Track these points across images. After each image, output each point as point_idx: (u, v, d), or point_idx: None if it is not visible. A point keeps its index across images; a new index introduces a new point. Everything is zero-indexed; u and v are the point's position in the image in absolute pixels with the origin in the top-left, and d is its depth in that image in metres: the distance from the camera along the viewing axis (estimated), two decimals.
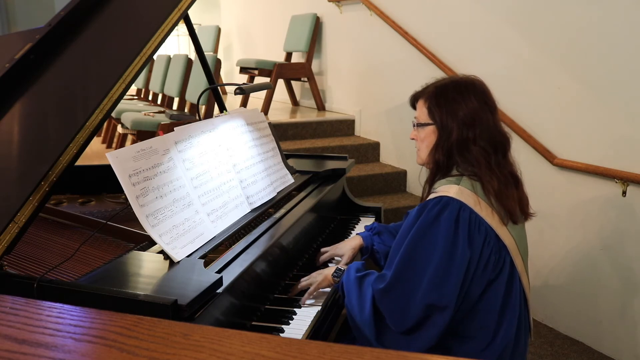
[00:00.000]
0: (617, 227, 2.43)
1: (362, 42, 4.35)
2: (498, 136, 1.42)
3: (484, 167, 1.37)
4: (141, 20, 1.58)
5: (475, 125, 1.38)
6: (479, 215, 1.32)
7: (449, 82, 1.46)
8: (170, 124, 3.81)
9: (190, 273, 1.21)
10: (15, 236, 1.14)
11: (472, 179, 1.37)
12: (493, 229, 1.33)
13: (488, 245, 1.32)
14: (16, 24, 5.97)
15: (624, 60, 2.32)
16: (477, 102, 1.40)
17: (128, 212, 1.35)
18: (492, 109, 1.43)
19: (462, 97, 1.40)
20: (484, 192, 1.35)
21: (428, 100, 1.45)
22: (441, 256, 1.28)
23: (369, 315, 1.34)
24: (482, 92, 1.43)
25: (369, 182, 3.80)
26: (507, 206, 1.36)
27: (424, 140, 1.47)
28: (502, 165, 1.41)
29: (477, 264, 1.31)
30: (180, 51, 8.35)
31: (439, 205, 1.32)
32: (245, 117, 1.82)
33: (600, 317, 2.54)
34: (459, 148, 1.39)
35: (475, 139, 1.38)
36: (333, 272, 1.53)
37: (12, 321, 0.77)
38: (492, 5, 3.02)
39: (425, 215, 1.33)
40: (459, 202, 1.31)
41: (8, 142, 1.34)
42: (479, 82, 1.46)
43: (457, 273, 1.28)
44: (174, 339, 0.70)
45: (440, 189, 1.36)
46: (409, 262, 1.32)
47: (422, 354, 0.67)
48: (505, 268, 1.35)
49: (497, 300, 1.35)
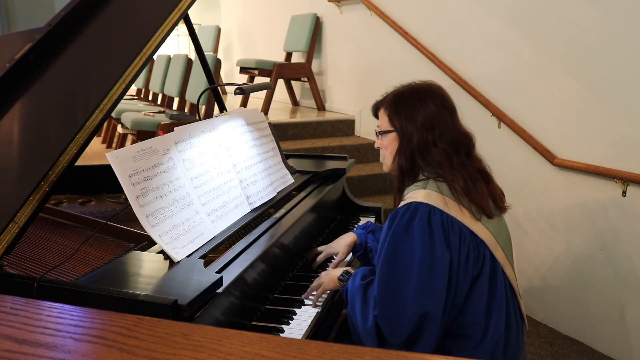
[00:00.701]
0: (617, 227, 2.43)
1: (362, 42, 4.35)
2: (459, 136, 1.45)
3: (447, 167, 1.39)
4: (141, 21, 1.58)
5: (435, 128, 1.42)
6: (449, 214, 1.33)
7: (407, 89, 1.50)
8: (170, 124, 3.81)
9: (190, 273, 1.21)
10: (15, 236, 1.14)
11: (437, 180, 1.39)
12: (466, 226, 1.34)
13: (464, 243, 1.33)
14: (16, 24, 5.97)
15: (624, 60, 2.32)
16: (434, 106, 1.43)
17: (128, 212, 1.35)
18: (451, 112, 1.47)
19: (420, 103, 1.44)
20: (450, 191, 1.37)
21: (388, 108, 1.49)
22: (421, 262, 1.28)
23: (372, 325, 1.33)
24: (439, 97, 1.46)
25: (369, 182, 3.80)
26: (478, 202, 1.38)
27: (387, 148, 1.50)
28: (467, 163, 1.43)
29: (458, 263, 1.32)
30: (180, 51, 8.35)
31: (409, 212, 1.33)
32: (245, 117, 1.82)
33: (601, 317, 2.54)
34: (420, 151, 1.42)
35: (436, 141, 1.41)
36: (340, 275, 1.51)
37: (12, 321, 0.77)
38: (492, 5, 3.02)
39: (397, 224, 1.34)
40: (428, 205, 1.33)
41: (8, 142, 1.34)
42: (436, 87, 1.50)
43: (440, 276, 1.29)
44: (174, 339, 0.70)
45: (408, 196, 1.38)
46: (390, 274, 1.32)
47: (422, 354, 0.67)
48: (487, 262, 1.36)
49: (483, 295, 1.35)
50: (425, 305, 1.27)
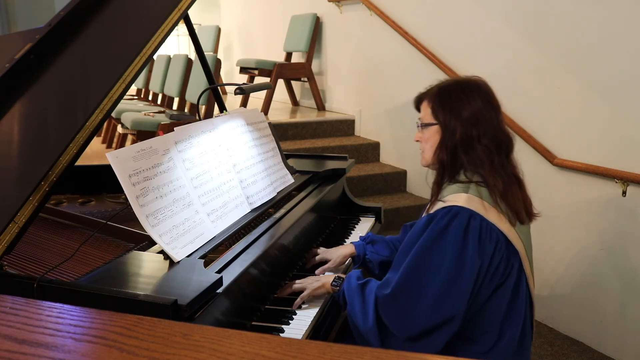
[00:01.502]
0: (617, 227, 2.43)
1: (362, 42, 4.35)
2: (502, 136, 1.41)
3: (488, 167, 1.37)
4: (141, 20, 1.58)
5: (479, 124, 1.38)
6: (489, 221, 1.31)
7: (452, 82, 1.46)
8: (170, 124, 3.81)
9: (190, 273, 1.21)
10: (15, 236, 1.14)
11: (479, 185, 1.36)
12: (504, 234, 1.32)
13: (499, 252, 1.31)
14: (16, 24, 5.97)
15: (624, 60, 2.32)
16: (481, 102, 1.40)
17: (128, 212, 1.35)
18: (496, 109, 1.43)
19: (466, 97, 1.40)
20: (490, 195, 1.34)
21: (432, 100, 1.45)
22: (451, 266, 1.27)
23: (373, 322, 1.33)
24: (486, 93, 1.42)
25: (369, 182, 3.80)
26: (513, 206, 1.36)
27: (428, 141, 1.46)
28: (505, 165, 1.41)
29: (487, 271, 1.30)
30: (180, 51, 8.35)
31: (449, 215, 1.30)
32: (245, 117, 1.82)
33: (600, 316, 2.54)
34: (464, 147, 1.38)
35: (480, 137, 1.37)
36: (332, 281, 1.50)
37: (12, 321, 0.77)
38: (492, 6, 3.02)
39: (435, 225, 1.31)
40: (469, 210, 1.30)
41: (8, 142, 1.34)
42: (483, 83, 1.46)
43: (467, 283, 1.27)
44: (174, 339, 0.70)
45: (448, 198, 1.35)
46: (416, 270, 1.30)
47: (422, 354, 0.67)
48: (514, 272, 1.35)
49: (502, 304, 1.34)
50: (443, 309, 1.26)
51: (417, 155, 1.55)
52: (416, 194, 3.81)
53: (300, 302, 1.48)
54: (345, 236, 2.04)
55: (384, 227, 2.27)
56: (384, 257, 1.76)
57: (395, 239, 1.84)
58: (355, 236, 2.05)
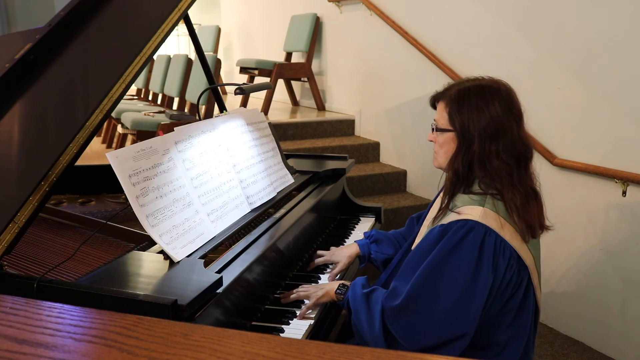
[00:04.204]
0: (617, 227, 2.43)
1: (362, 42, 4.35)
2: (522, 148, 1.34)
3: (506, 182, 1.30)
4: (141, 20, 1.58)
5: (499, 137, 1.30)
6: (504, 239, 1.26)
7: (472, 86, 1.37)
8: (170, 124, 3.81)
9: (190, 273, 1.21)
10: (15, 236, 1.15)
11: (495, 198, 1.30)
12: (516, 251, 1.29)
13: (510, 269, 1.28)
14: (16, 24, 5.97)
15: (624, 60, 2.32)
16: (501, 109, 1.31)
17: (128, 212, 1.35)
18: (518, 118, 1.35)
19: (486, 104, 1.32)
20: (506, 210, 1.29)
21: (449, 104, 1.37)
22: (464, 283, 1.23)
23: (380, 332, 1.30)
24: (507, 99, 1.34)
25: (369, 182, 3.79)
26: (528, 222, 1.31)
27: (443, 146, 1.39)
28: (524, 179, 1.34)
29: (498, 287, 1.28)
30: (180, 51, 8.35)
31: (464, 229, 1.25)
32: (245, 117, 1.82)
33: (601, 316, 2.54)
34: (480, 161, 1.31)
35: (498, 153, 1.30)
36: (336, 289, 1.47)
37: (12, 321, 0.77)
38: (492, 6, 3.02)
39: (449, 238, 1.26)
40: (485, 226, 1.25)
41: (8, 142, 1.34)
42: (504, 87, 1.37)
43: (479, 300, 1.24)
44: (174, 339, 0.70)
45: (463, 210, 1.29)
46: (427, 284, 1.26)
47: (422, 354, 0.67)
48: (522, 285, 1.32)
49: (510, 314, 1.32)
50: (455, 326, 1.24)
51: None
52: (416, 194, 3.81)
53: (306, 311, 1.45)
54: (345, 236, 2.04)
55: (384, 227, 2.27)
56: (388, 256, 1.76)
57: (398, 233, 1.82)
58: (355, 236, 2.05)
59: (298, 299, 1.50)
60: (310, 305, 1.46)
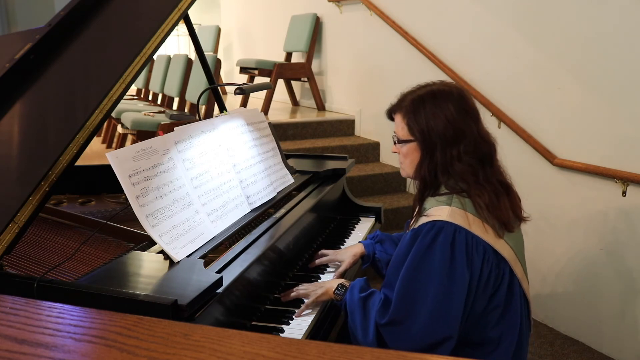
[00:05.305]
0: (617, 227, 2.43)
1: (362, 42, 4.35)
2: (484, 146, 1.37)
3: (472, 183, 1.32)
4: (141, 20, 1.58)
5: (459, 139, 1.33)
6: (475, 234, 1.28)
7: (424, 93, 1.39)
8: (170, 124, 3.81)
9: (190, 273, 1.21)
10: (15, 236, 1.15)
11: (461, 196, 1.32)
12: (490, 245, 1.30)
13: (487, 263, 1.29)
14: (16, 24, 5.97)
15: (624, 60, 2.32)
16: (456, 111, 1.34)
17: (128, 212, 1.35)
18: (475, 117, 1.37)
19: (440, 109, 1.34)
20: (474, 208, 1.31)
21: (406, 116, 1.39)
22: (440, 285, 1.24)
23: (373, 338, 1.31)
24: (460, 100, 1.36)
25: (369, 182, 3.80)
26: (500, 217, 1.32)
27: (407, 157, 1.42)
28: (490, 176, 1.36)
29: (478, 283, 1.28)
30: (180, 51, 8.35)
31: (433, 231, 1.27)
32: (245, 117, 1.82)
33: (600, 316, 2.54)
34: (444, 167, 1.35)
35: (460, 156, 1.33)
36: (335, 289, 1.47)
37: (12, 321, 0.77)
38: (492, 6, 3.02)
39: (420, 242, 1.28)
40: (453, 224, 1.27)
41: (8, 142, 1.34)
42: (456, 88, 1.40)
43: (458, 300, 1.25)
44: (174, 339, 0.70)
45: (431, 212, 1.32)
46: (407, 292, 1.28)
47: (421, 354, 0.67)
48: (505, 278, 1.33)
49: (498, 309, 1.33)
50: (438, 331, 1.25)
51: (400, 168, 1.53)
52: None
53: (305, 309, 1.46)
54: (345, 236, 2.04)
55: (384, 227, 2.27)
56: (391, 256, 1.76)
57: (400, 235, 1.83)
58: (355, 236, 2.05)
59: (298, 297, 1.50)
60: (310, 304, 1.47)
